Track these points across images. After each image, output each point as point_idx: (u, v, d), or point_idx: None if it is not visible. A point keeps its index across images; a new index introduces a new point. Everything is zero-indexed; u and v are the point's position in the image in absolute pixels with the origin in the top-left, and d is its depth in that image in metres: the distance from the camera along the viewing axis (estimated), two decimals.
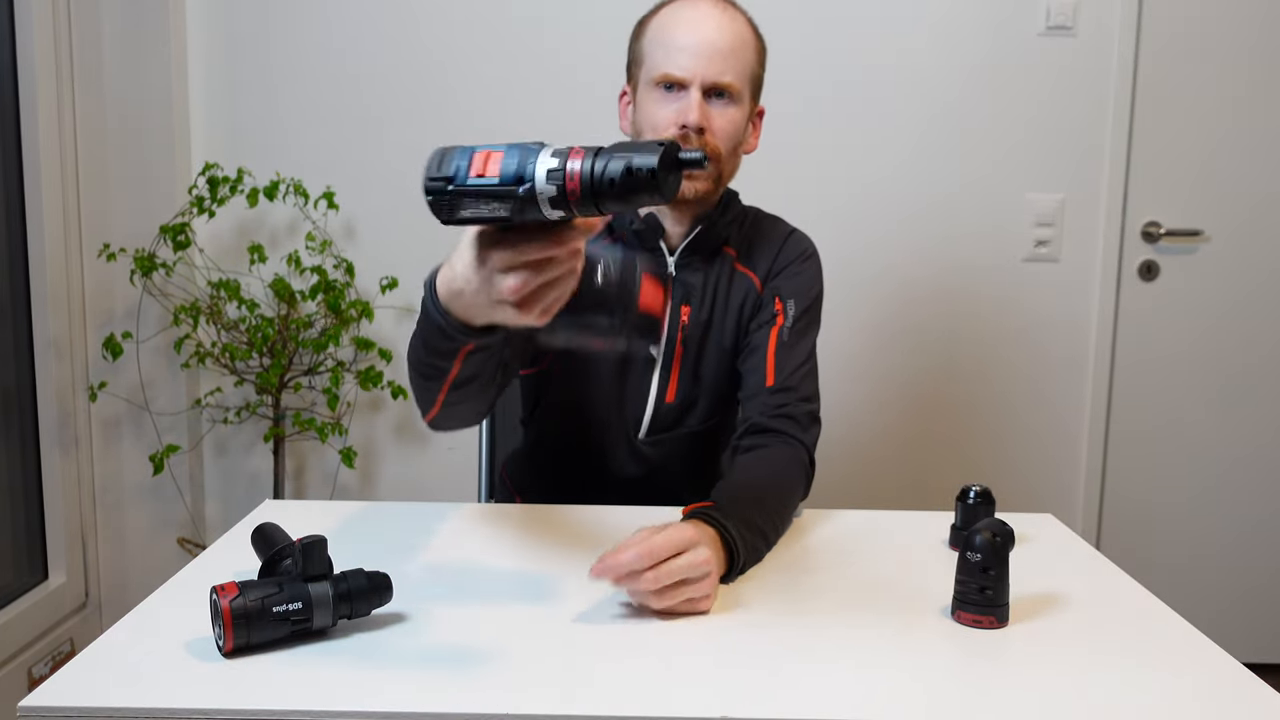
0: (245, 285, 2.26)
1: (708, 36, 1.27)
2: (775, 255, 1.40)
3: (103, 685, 0.83)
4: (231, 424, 2.38)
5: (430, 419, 1.12)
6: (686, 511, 1.08)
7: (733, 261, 1.39)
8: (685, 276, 1.36)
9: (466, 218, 0.81)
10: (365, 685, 0.83)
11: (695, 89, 1.27)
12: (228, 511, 2.42)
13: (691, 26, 1.28)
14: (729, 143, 1.31)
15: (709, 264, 1.38)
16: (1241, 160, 2.39)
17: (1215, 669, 0.90)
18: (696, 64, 1.26)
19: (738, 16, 1.32)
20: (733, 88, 1.29)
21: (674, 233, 1.36)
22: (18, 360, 2.19)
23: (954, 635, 0.95)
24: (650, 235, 1.35)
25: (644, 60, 1.32)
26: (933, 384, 2.44)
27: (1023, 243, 2.40)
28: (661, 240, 1.36)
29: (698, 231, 1.35)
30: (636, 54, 1.34)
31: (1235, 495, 2.49)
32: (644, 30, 1.34)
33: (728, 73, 1.28)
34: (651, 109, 1.30)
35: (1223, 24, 2.35)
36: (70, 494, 2.28)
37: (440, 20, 2.32)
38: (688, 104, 1.27)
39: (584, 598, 1.02)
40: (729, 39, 1.28)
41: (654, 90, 1.29)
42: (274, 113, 2.34)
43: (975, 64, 2.34)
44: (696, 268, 1.37)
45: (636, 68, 1.34)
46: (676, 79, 1.27)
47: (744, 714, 0.79)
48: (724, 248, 1.39)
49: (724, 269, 1.38)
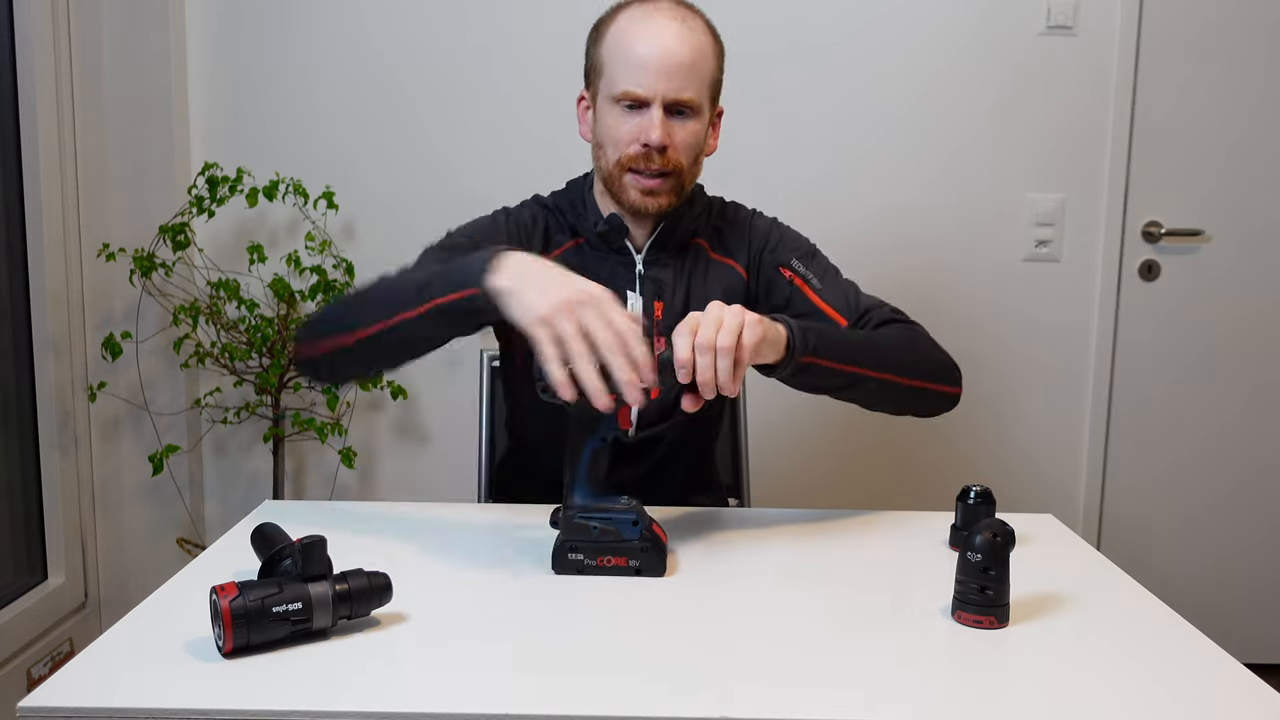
0: (245, 285, 2.25)
1: (667, 51, 1.26)
2: (748, 239, 1.42)
3: (102, 685, 0.83)
4: (231, 424, 2.38)
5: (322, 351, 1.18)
6: None
7: (706, 251, 1.41)
8: (655, 273, 1.38)
9: None
10: (365, 685, 0.83)
11: (656, 107, 1.27)
12: (227, 512, 2.42)
13: (650, 41, 1.27)
14: (690, 154, 1.32)
15: (679, 258, 1.39)
16: (1242, 160, 2.39)
17: (1215, 669, 0.90)
18: (657, 82, 1.26)
19: (695, 24, 1.30)
20: (694, 103, 1.29)
21: (639, 233, 1.38)
22: (17, 360, 2.19)
23: (954, 635, 0.95)
24: (615, 236, 1.36)
25: (603, 71, 1.31)
26: None
27: (1023, 243, 2.40)
28: (627, 240, 1.37)
29: (661, 229, 1.37)
30: (595, 61, 1.34)
31: (1235, 495, 2.49)
32: (601, 36, 1.33)
33: (688, 88, 1.28)
34: (613, 125, 1.30)
35: (1223, 24, 2.35)
36: (70, 494, 2.28)
37: (440, 20, 2.32)
38: (649, 122, 1.27)
39: (584, 597, 1.02)
40: (688, 52, 1.27)
41: (614, 106, 1.30)
42: (274, 113, 2.34)
43: (975, 64, 2.34)
44: (665, 264, 1.38)
45: (595, 76, 1.34)
46: (637, 97, 1.27)
47: (744, 714, 0.79)
48: (694, 240, 1.40)
49: (698, 260, 1.40)
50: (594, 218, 1.37)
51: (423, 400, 2.41)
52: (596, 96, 1.34)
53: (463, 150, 2.35)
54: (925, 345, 1.32)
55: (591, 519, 1.07)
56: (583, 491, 1.08)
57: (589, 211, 1.38)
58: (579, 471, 1.08)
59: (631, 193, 1.31)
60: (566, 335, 0.98)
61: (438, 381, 2.37)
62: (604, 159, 1.33)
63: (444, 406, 2.40)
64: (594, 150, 1.36)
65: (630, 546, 1.07)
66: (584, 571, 1.07)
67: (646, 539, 1.07)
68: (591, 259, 1.37)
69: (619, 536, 1.07)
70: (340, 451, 2.28)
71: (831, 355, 1.16)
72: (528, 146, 2.32)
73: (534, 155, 2.31)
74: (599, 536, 1.07)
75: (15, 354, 2.18)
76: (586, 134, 1.39)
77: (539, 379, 1.02)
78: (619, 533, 1.07)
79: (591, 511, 1.07)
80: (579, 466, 1.08)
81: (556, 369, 0.99)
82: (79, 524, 2.31)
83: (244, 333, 2.21)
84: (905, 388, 1.26)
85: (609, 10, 1.34)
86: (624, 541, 1.06)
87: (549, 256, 1.34)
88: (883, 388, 1.23)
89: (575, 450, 1.08)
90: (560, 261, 1.30)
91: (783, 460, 2.41)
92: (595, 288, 1.02)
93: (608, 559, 1.07)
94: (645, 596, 1.03)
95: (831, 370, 1.17)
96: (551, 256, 1.35)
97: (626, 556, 1.07)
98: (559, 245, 1.39)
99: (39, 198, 2.14)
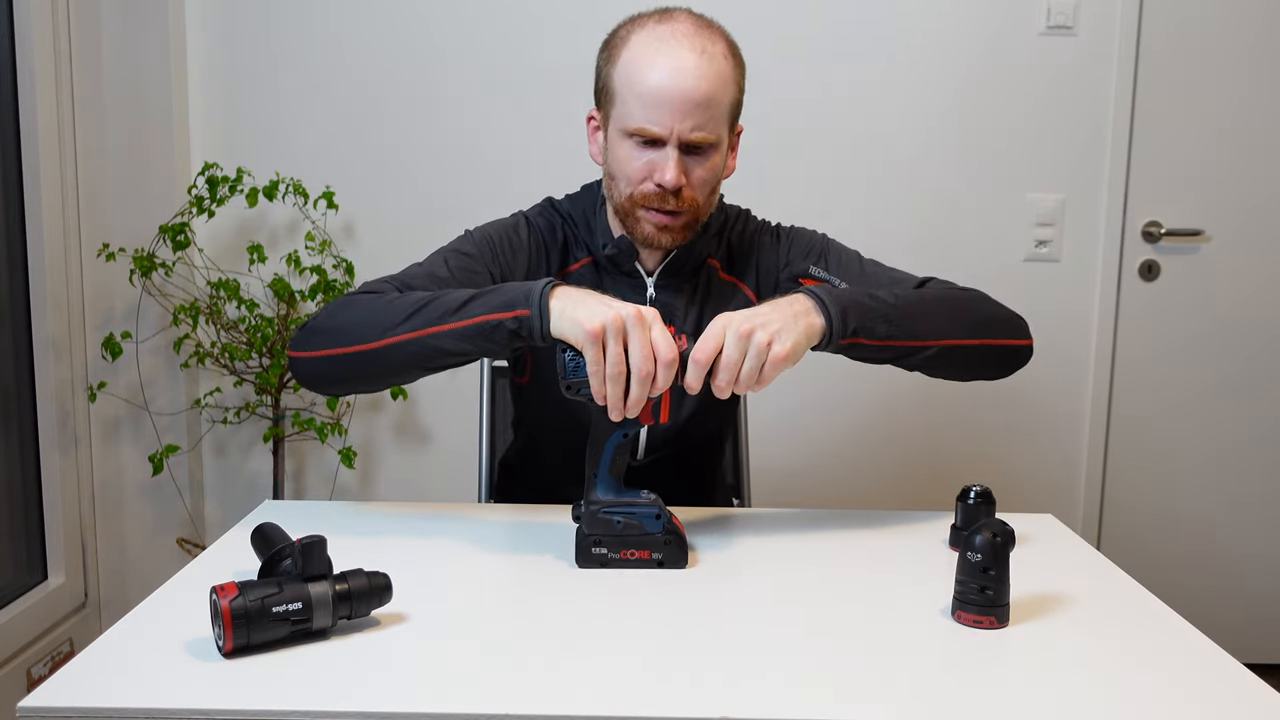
0: (245, 285, 2.25)
1: (685, 89, 1.18)
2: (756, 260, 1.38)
3: (102, 685, 0.83)
4: (231, 424, 2.38)
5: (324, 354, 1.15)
6: None
7: (718, 273, 1.37)
8: (665, 298, 1.33)
9: None
10: (365, 685, 0.83)
11: (672, 147, 1.20)
12: (227, 512, 2.42)
13: (668, 73, 1.18)
14: (706, 190, 1.26)
15: (690, 281, 1.35)
16: (1242, 160, 2.39)
17: (1215, 669, 0.90)
18: (673, 121, 1.19)
19: (715, 50, 1.21)
20: (710, 140, 1.22)
21: (649, 257, 1.33)
22: (17, 360, 2.19)
23: (954, 635, 0.95)
24: (625, 259, 1.31)
25: (614, 99, 1.23)
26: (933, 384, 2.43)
27: (1023, 243, 2.40)
28: (637, 263, 1.33)
29: (673, 255, 1.32)
30: (606, 84, 1.25)
31: (1236, 495, 2.49)
32: (615, 58, 1.24)
33: (705, 125, 1.20)
34: (624, 159, 1.24)
35: (1223, 24, 2.35)
36: (70, 494, 2.28)
37: (440, 20, 2.32)
38: (664, 162, 1.20)
39: (584, 597, 1.02)
40: (706, 87, 1.19)
41: (627, 139, 1.23)
42: (274, 113, 2.34)
43: (975, 64, 2.34)
44: (677, 288, 1.34)
45: (607, 101, 1.25)
46: (652, 135, 1.20)
47: (744, 714, 0.79)
48: (707, 260, 1.36)
49: (710, 283, 1.36)
50: (603, 239, 1.32)
51: (423, 400, 2.41)
52: (608, 122, 1.26)
53: (463, 150, 2.35)
54: (980, 302, 1.27)
55: (615, 513, 1.09)
56: (605, 486, 1.10)
57: (598, 233, 1.33)
58: (601, 466, 1.10)
59: (645, 226, 1.26)
60: (611, 354, 1.02)
61: (438, 381, 2.37)
62: (616, 191, 1.27)
63: (444, 406, 2.40)
64: (605, 178, 1.30)
65: (654, 540, 1.09)
66: (608, 565, 1.09)
67: (670, 532, 1.09)
68: (603, 277, 1.33)
69: (642, 530, 1.09)
70: (340, 451, 2.28)
71: (874, 334, 1.15)
72: (528, 146, 2.32)
73: (534, 155, 2.31)
74: (622, 530, 1.09)
75: (15, 354, 2.18)
76: (597, 156, 1.32)
77: (565, 377, 1.06)
78: (642, 526, 1.09)
79: (614, 506, 1.09)
80: (601, 461, 1.10)
81: (597, 381, 1.03)
82: (79, 524, 2.31)
83: (244, 333, 2.21)
84: (968, 349, 1.22)
85: (623, 25, 1.26)
86: (647, 535, 1.09)
87: (566, 271, 1.34)
88: (941, 354, 1.19)
89: (598, 445, 1.10)
90: (574, 275, 1.33)
91: (783, 460, 2.41)
92: (647, 311, 1.04)
93: (631, 552, 1.09)
94: (646, 597, 1.03)
95: (878, 348, 1.16)
96: (568, 271, 1.34)
97: (650, 550, 1.09)
98: (576, 260, 1.35)
99: (39, 198, 2.14)
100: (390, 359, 1.12)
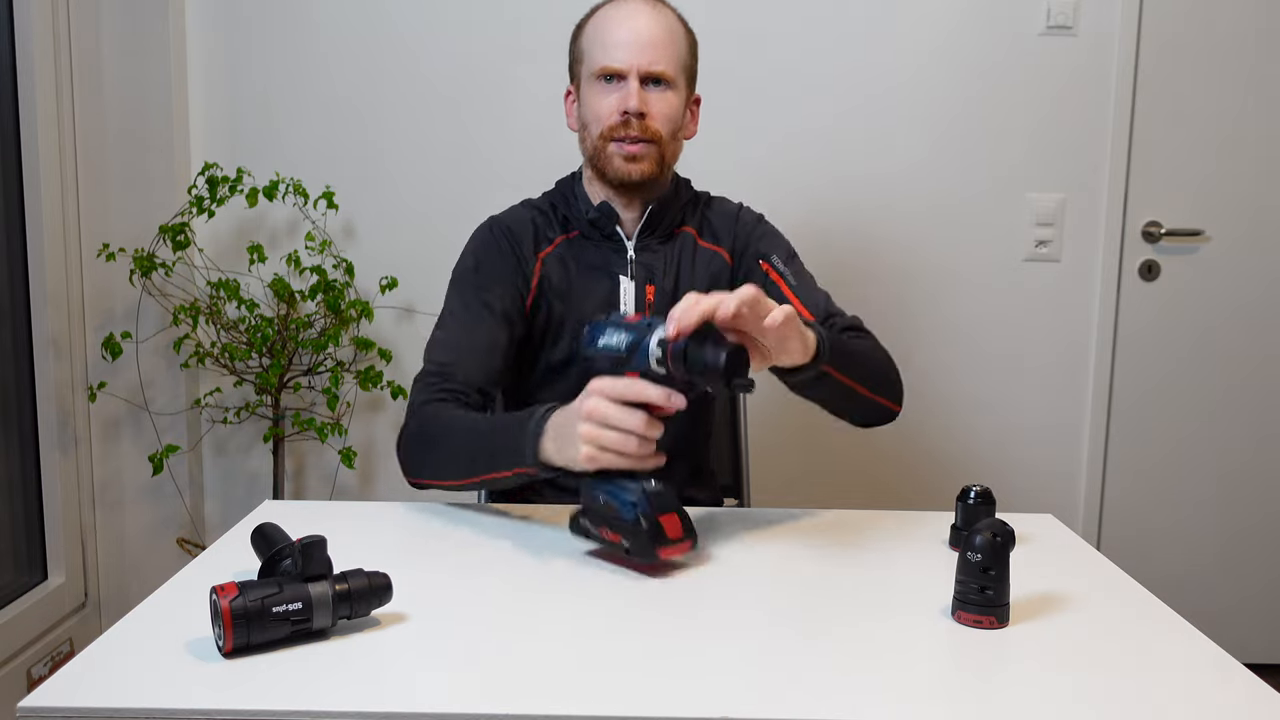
0: (245, 285, 2.26)
1: (641, 29, 1.38)
2: (735, 226, 1.49)
3: (102, 685, 0.83)
4: (231, 424, 2.38)
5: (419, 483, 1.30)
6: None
7: (694, 239, 1.48)
8: (645, 259, 1.45)
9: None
10: (365, 685, 0.83)
11: (633, 78, 1.37)
12: (227, 512, 2.42)
13: (625, 23, 1.39)
14: (668, 125, 1.40)
15: (667, 244, 1.46)
16: (1242, 160, 2.39)
17: (1215, 669, 0.90)
18: (632, 55, 1.37)
19: (667, 12, 1.42)
20: (667, 75, 1.39)
21: (628, 219, 1.45)
22: (17, 360, 2.19)
23: (954, 635, 0.95)
24: (606, 222, 1.44)
25: (584, 58, 1.42)
26: (933, 383, 2.44)
27: (1023, 243, 2.40)
28: (618, 227, 1.44)
29: (650, 212, 1.44)
30: (577, 53, 1.45)
31: (1235, 495, 2.49)
32: (582, 31, 1.44)
33: (660, 61, 1.38)
34: (594, 101, 1.40)
35: (1223, 24, 2.35)
36: (70, 494, 2.28)
37: (440, 21, 2.32)
38: (627, 92, 1.37)
39: (585, 597, 1.02)
40: (660, 31, 1.39)
41: (595, 83, 1.40)
42: (274, 113, 2.34)
43: (975, 64, 2.34)
44: (655, 249, 1.45)
45: (578, 65, 1.44)
46: (615, 70, 1.38)
47: (744, 714, 0.79)
48: (683, 227, 1.48)
49: (686, 246, 1.47)
50: (584, 206, 1.45)
51: None
52: (580, 85, 1.44)
53: (463, 150, 2.35)
54: (885, 359, 1.37)
55: (600, 490, 1.08)
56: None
57: (579, 202, 1.46)
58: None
59: (615, 160, 1.39)
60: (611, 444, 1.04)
61: None
62: (589, 138, 1.42)
63: None
64: (580, 135, 1.44)
65: (623, 525, 1.06)
66: (589, 538, 1.11)
67: (642, 522, 1.05)
68: (584, 248, 1.45)
69: (617, 514, 1.07)
70: (340, 451, 2.28)
71: (839, 367, 1.19)
72: (528, 146, 2.32)
73: (534, 155, 2.31)
74: (601, 507, 1.08)
75: (15, 354, 2.18)
76: (573, 124, 1.47)
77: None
78: (617, 510, 1.07)
79: (604, 483, 1.08)
80: None
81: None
82: (79, 524, 2.31)
83: (244, 333, 2.21)
84: (865, 399, 1.30)
85: (589, 10, 1.45)
86: (620, 520, 1.07)
87: (541, 254, 1.44)
88: (852, 397, 1.27)
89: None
90: (553, 256, 1.44)
91: (783, 460, 2.41)
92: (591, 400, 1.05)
93: (607, 531, 1.09)
94: (646, 596, 1.03)
95: (838, 384, 1.21)
96: (544, 253, 1.44)
97: (621, 534, 1.07)
98: (550, 242, 1.45)
99: (39, 197, 2.14)
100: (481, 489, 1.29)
